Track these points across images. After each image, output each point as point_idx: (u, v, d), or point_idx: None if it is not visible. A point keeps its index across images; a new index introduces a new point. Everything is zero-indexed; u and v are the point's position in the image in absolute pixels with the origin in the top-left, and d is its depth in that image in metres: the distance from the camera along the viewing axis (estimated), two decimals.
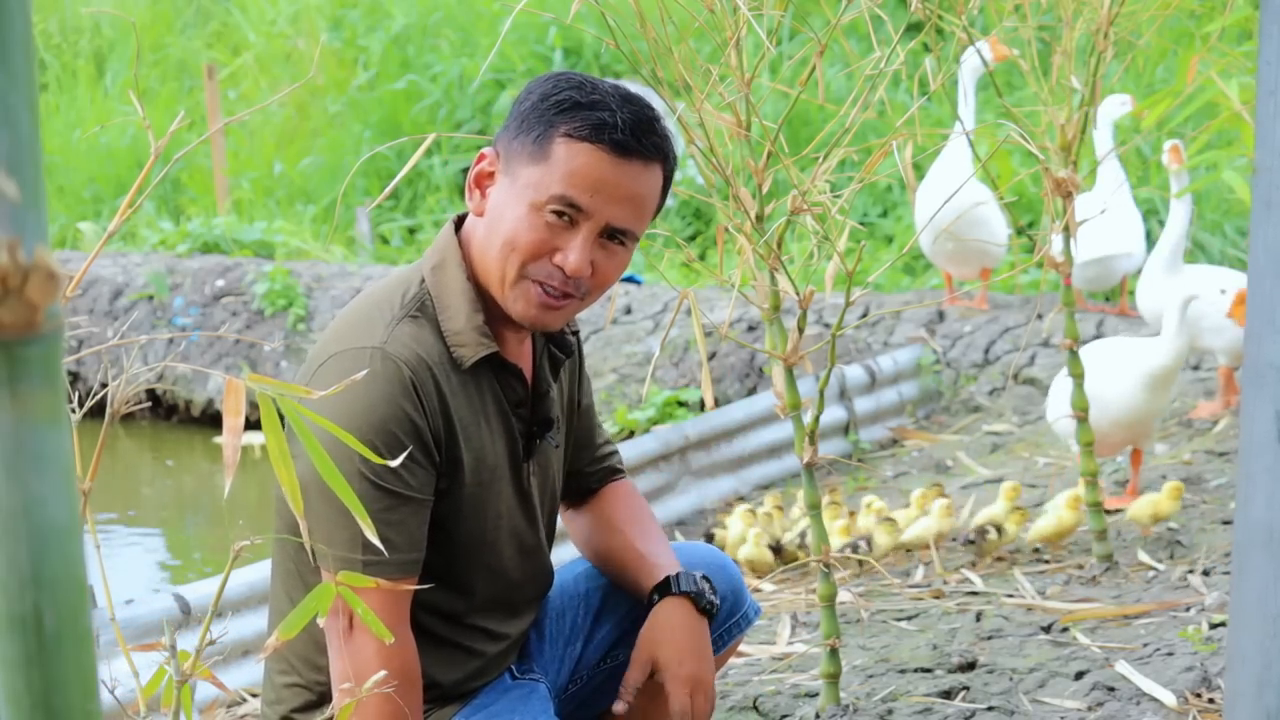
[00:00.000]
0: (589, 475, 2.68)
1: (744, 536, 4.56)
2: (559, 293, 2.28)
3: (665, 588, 2.49)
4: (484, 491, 2.36)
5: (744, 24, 2.83)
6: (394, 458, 2.14)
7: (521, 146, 2.27)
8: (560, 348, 2.49)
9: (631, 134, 2.25)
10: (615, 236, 2.29)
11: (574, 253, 2.25)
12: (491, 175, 2.31)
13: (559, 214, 2.24)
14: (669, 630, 2.46)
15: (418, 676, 2.28)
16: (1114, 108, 5.99)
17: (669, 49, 2.82)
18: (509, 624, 2.50)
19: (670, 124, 2.40)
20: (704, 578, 2.51)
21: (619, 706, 2.46)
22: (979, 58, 3.66)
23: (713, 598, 2.50)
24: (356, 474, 2.18)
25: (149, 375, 1.80)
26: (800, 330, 2.99)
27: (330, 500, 2.08)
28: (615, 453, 2.74)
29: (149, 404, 8.23)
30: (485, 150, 2.33)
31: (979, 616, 3.86)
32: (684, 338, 7.01)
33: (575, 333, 2.58)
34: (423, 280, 2.33)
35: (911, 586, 4.21)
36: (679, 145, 2.58)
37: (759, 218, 2.95)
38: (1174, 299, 4.52)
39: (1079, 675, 3.34)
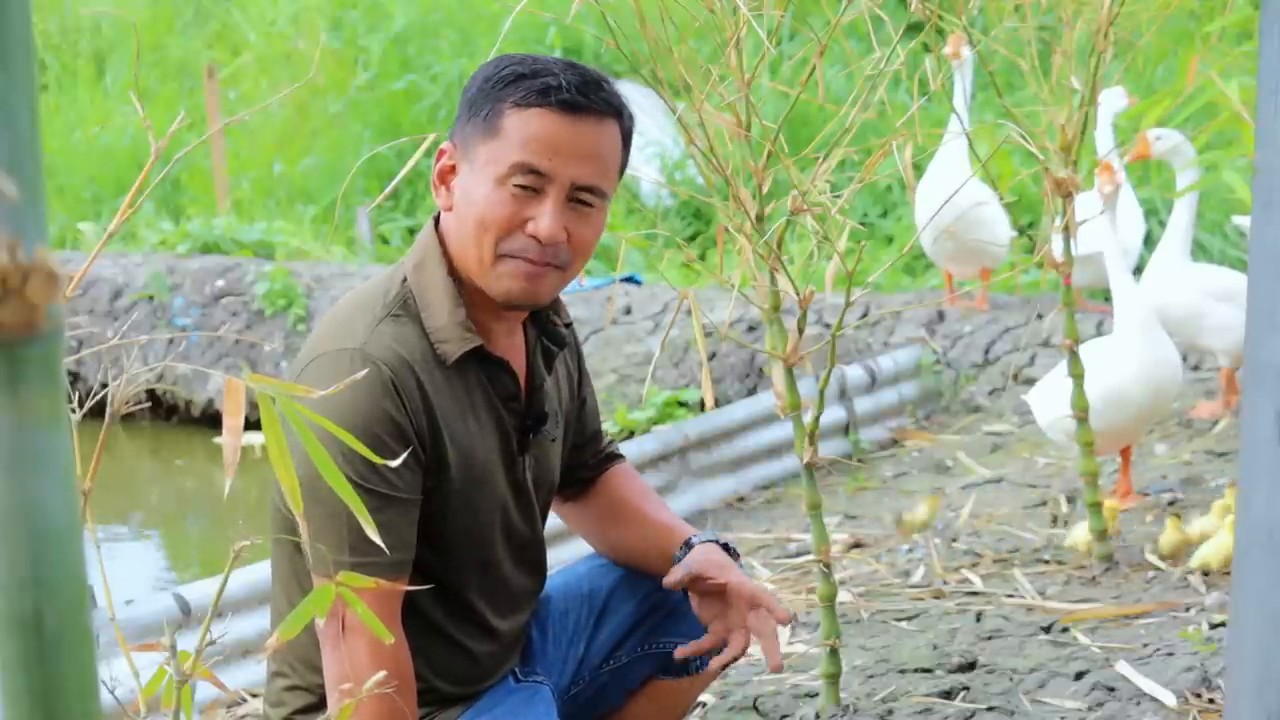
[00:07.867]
0: (590, 465, 2.69)
1: None
2: (539, 263, 2.28)
3: (690, 544, 2.57)
4: (474, 488, 2.35)
5: (744, 24, 2.83)
6: (378, 458, 2.14)
7: (474, 129, 2.28)
8: (552, 339, 2.49)
9: (579, 92, 2.25)
10: (584, 198, 2.29)
11: (545, 218, 2.25)
12: (453, 169, 2.32)
13: (523, 185, 2.25)
14: (711, 553, 2.53)
15: (411, 676, 2.27)
16: (1114, 101, 5.97)
17: (669, 49, 2.81)
18: (506, 620, 2.50)
19: (670, 123, 2.40)
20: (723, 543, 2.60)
21: (673, 579, 2.51)
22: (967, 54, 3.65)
23: (736, 549, 2.59)
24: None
25: (149, 375, 1.80)
26: (800, 330, 2.99)
27: (319, 501, 2.07)
28: (612, 440, 2.76)
29: (149, 404, 8.22)
30: (443, 146, 2.34)
31: (979, 616, 3.86)
32: (684, 338, 7.00)
33: (569, 325, 2.57)
34: (404, 280, 2.34)
35: (911, 586, 4.21)
36: (657, 129, 2.57)
37: (759, 218, 2.94)
38: (1141, 303, 4.41)
39: (1079, 675, 3.34)
